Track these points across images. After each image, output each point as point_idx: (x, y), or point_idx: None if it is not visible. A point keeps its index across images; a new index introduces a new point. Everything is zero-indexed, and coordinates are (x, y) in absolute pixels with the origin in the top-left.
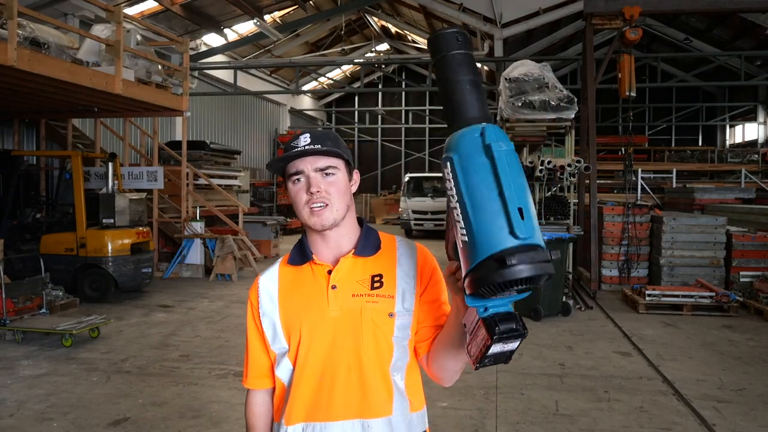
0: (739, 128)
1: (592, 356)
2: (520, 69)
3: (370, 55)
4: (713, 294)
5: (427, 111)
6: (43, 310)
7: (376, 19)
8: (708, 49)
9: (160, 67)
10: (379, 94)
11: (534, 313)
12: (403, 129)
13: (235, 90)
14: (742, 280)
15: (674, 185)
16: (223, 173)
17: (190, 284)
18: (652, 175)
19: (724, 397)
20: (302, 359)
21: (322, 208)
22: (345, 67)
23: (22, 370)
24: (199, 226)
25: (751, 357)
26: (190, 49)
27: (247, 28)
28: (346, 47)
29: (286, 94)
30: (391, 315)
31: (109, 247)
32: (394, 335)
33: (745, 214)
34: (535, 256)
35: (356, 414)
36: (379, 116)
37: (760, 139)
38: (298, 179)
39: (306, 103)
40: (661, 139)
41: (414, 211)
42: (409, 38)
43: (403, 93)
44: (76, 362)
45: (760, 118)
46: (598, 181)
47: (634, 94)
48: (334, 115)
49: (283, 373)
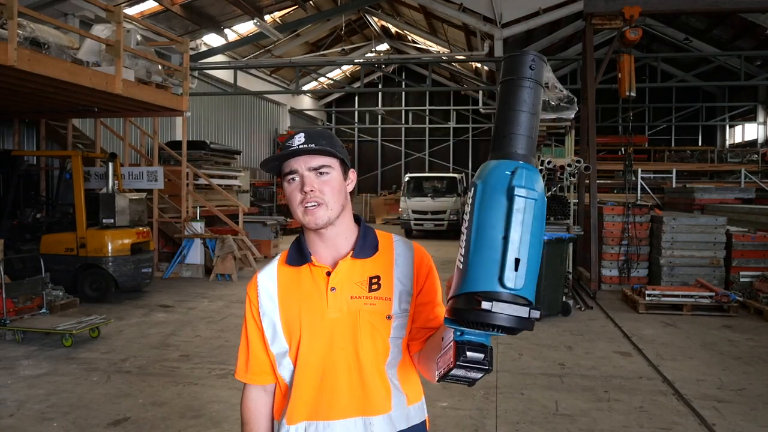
0: (739, 128)
1: (592, 356)
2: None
3: (370, 55)
4: (713, 294)
5: (427, 111)
6: (43, 310)
7: (376, 19)
8: (708, 49)
9: (160, 67)
10: (379, 94)
11: None
12: (403, 129)
13: (235, 90)
14: (742, 280)
15: (674, 185)
16: (223, 173)
17: (190, 284)
18: (652, 175)
19: (724, 397)
20: (303, 359)
21: (315, 207)
22: (345, 67)
23: (22, 370)
24: (199, 226)
25: (751, 357)
26: (190, 49)
27: (247, 28)
28: (346, 47)
29: (286, 94)
30: (389, 317)
31: (109, 247)
32: (391, 336)
33: (745, 214)
34: (515, 309)
35: (358, 412)
36: (379, 116)
37: (760, 139)
38: (293, 179)
39: (306, 103)
40: (661, 139)
41: (414, 211)
42: (409, 38)
43: (403, 93)
44: (77, 362)
45: (760, 118)
46: (598, 181)
47: (634, 94)
48: (334, 115)
49: (285, 372)
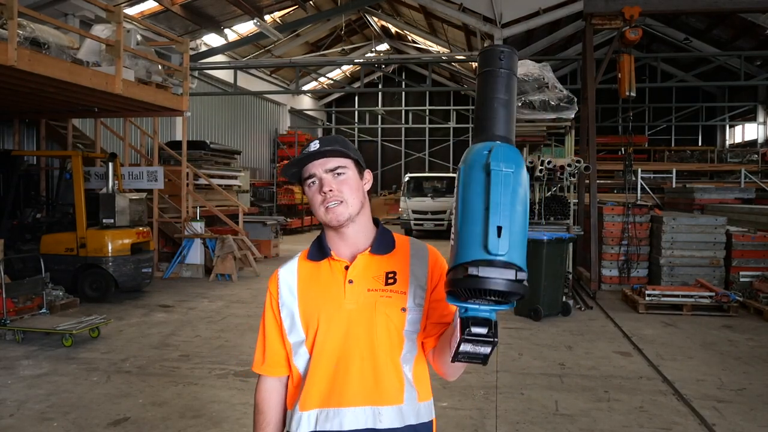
0: (738, 128)
1: (592, 356)
2: (520, 69)
3: (370, 55)
4: (713, 294)
5: (427, 111)
6: (44, 310)
7: (376, 19)
8: (708, 49)
9: (160, 67)
10: (379, 94)
11: (534, 313)
12: (403, 129)
13: (235, 90)
14: (741, 280)
15: (674, 185)
16: (223, 173)
17: (190, 284)
18: (652, 175)
19: (724, 397)
20: (319, 348)
21: (336, 205)
22: (345, 67)
23: (22, 370)
24: (199, 226)
25: (751, 357)
26: (190, 49)
27: (247, 28)
28: (346, 47)
29: (286, 94)
30: (403, 310)
31: (109, 247)
32: (405, 329)
33: (745, 214)
34: (503, 272)
35: (368, 401)
36: (379, 116)
37: (760, 139)
38: (312, 182)
39: (306, 103)
40: (661, 139)
41: (414, 211)
42: (409, 38)
43: (403, 93)
44: (77, 362)
45: (760, 118)
46: (598, 181)
47: (634, 94)
48: (334, 115)
49: (300, 362)
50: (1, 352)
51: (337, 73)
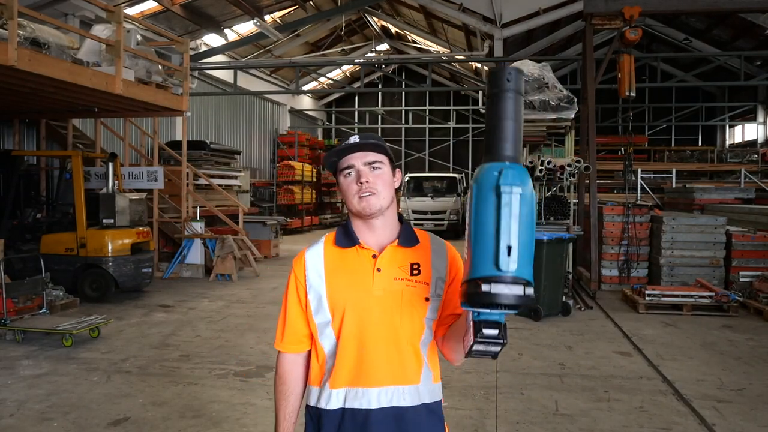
0: (738, 128)
1: (592, 356)
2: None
3: (370, 55)
4: (713, 294)
5: (427, 111)
6: (44, 310)
7: (376, 19)
8: (708, 49)
9: (160, 67)
10: (379, 94)
11: (534, 313)
12: (403, 129)
13: (235, 90)
14: (741, 280)
15: (674, 185)
16: (223, 173)
17: (190, 284)
18: (652, 175)
19: (723, 397)
20: (347, 331)
21: (370, 196)
22: (345, 67)
23: (22, 369)
24: (199, 226)
25: (751, 357)
26: (190, 49)
27: (247, 28)
28: (346, 47)
29: (286, 94)
30: (426, 299)
31: (110, 247)
32: (426, 316)
33: (745, 214)
34: (512, 288)
35: (393, 381)
36: (379, 116)
37: (760, 139)
38: (350, 173)
39: (306, 103)
40: (660, 139)
41: (414, 211)
42: (409, 38)
43: (403, 93)
44: (77, 362)
45: (760, 118)
46: (598, 181)
47: (633, 94)
48: (334, 115)
49: (326, 341)
50: (1, 352)
51: (337, 73)
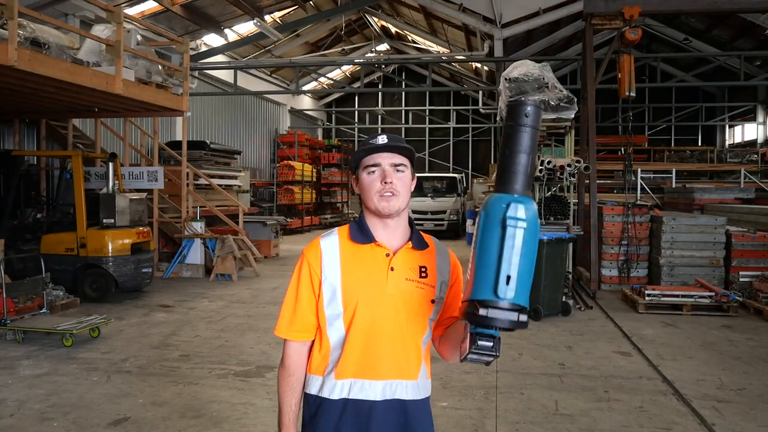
0: (738, 128)
1: (592, 356)
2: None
3: (370, 55)
4: (713, 294)
5: (427, 111)
6: (44, 310)
7: (376, 19)
8: (708, 49)
9: (160, 67)
10: (379, 94)
11: (534, 313)
12: (403, 129)
13: (235, 90)
14: (741, 280)
15: (674, 185)
16: (224, 173)
17: (190, 284)
18: (652, 175)
19: (723, 397)
20: (357, 324)
21: (391, 196)
22: (345, 67)
23: (22, 369)
24: (199, 226)
25: (751, 357)
26: (191, 49)
27: (247, 28)
28: (346, 47)
29: (286, 94)
30: (432, 301)
31: (110, 247)
32: (430, 317)
33: (745, 214)
34: (508, 315)
35: (397, 375)
36: (379, 116)
37: (760, 139)
38: (374, 171)
39: (306, 103)
40: (660, 139)
41: (414, 211)
42: (409, 38)
43: (403, 93)
44: (77, 362)
45: (760, 118)
46: (598, 181)
47: (633, 94)
48: (334, 115)
49: (334, 333)
50: (1, 352)
51: (337, 73)
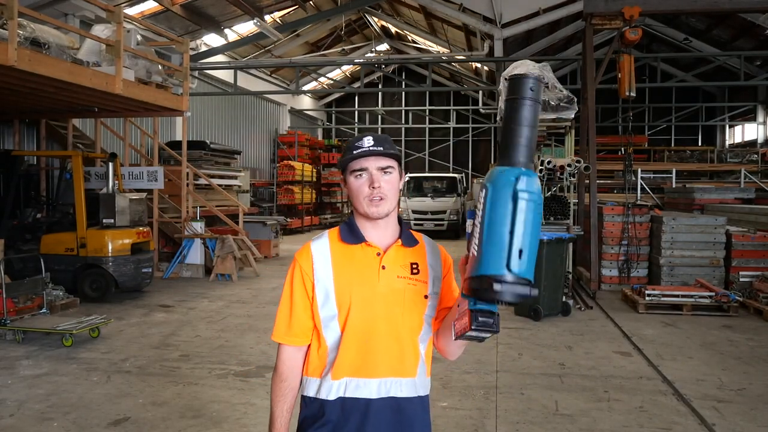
0: (738, 128)
1: (592, 356)
2: (519, 69)
3: (370, 55)
4: (713, 294)
5: (427, 111)
6: (44, 310)
7: (376, 19)
8: (708, 49)
9: (160, 67)
10: (379, 94)
11: (534, 313)
12: (403, 129)
13: (235, 90)
14: (741, 280)
15: (674, 185)
16: (223, 173)
17: (190, 284)
18: (652, 175)
19: (723, 397)
20: (352, 324)
21: (380, 200)
22: (345, 67)
23: (22, 369)
24: (199, 226)
25: (751, 357)
26: (190, 49)
27: (247, 28)
28: (346, 47)
29: (286, 94)
30: (426, 297)
31: (110, 247)
32: (425, 314)
33: (745, 214)
34: (519, 288)
35: (393, 373)
36: (379, 116)
37: (760, 139)
38: (361, 175)
39: (306, 103)
40: (660, 139)
41: (414, 211)
42: (409, 38)
43: (403, 93)
44: (77, 362)
45: (760, 118)
46: (598, 181)
47: (633, 94)
48: (334, 115)
49: (330, 334)
50: (1, 352)
51: (337, 73)
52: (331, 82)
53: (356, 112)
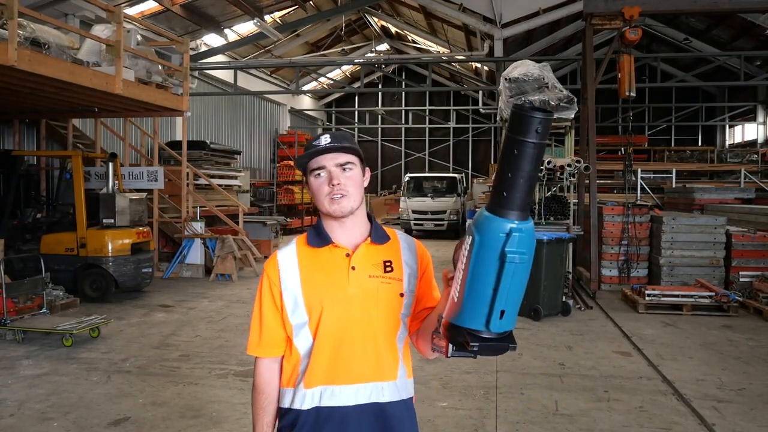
0: (738, 128)
1: (592, 356)
2: (519, 69)
3: (370, 55)
4: (713, 294)
5: (427, 111)
6: (44, 310)
7: (376, 19)
8: (708, 49)
9: (160, 67)
10: (379, 94)
11: (534, 313)
12: (403, 129)
13: (235, 90)
14: (741, 279)
15: (674, 185)
16: (223, 173)
17: (190, 284)
18: (652, 175)
19: (723, 397)
20: (323, 329)
21: (341, 198)
22: (345, 67)
23: (22, 369)
24: (199, 226)
25: (751, 357)
26: (191, 49)
27: (247, 28)
28: (346, 47)
29: (286, 94)
30: (401, 295)
31: (110, 247)
32: (402, 312)
33: (745, 214)
34: (496, 345)
35: (371, 378)
36: (379, 116)
37: (760, 139)
38: (320, 174)
39: (306, 103)
40: (660, 139)
41: (414, 211)
42: (409, 38)
43: (403, 93)
44: (77, 362)
45: (760, 118)
46: (598, 181)
47: (633, 94)
48: (334, 115)
49: (302, 342)
50: (1, 352)
51: (337, 73)
52: (331, 82)
53: (356, 112)
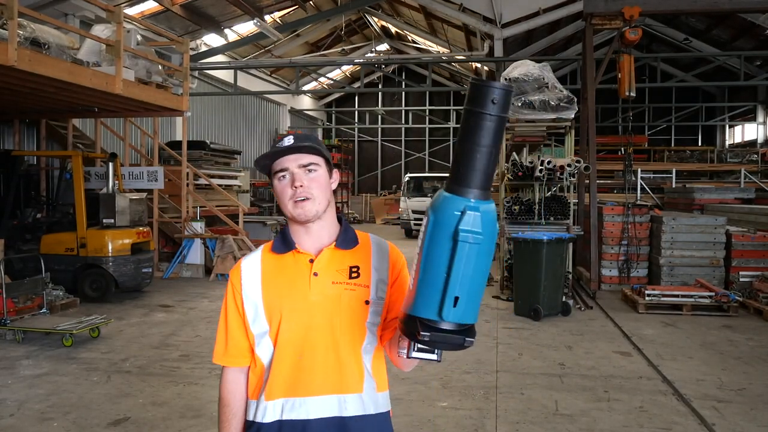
0: (738, 128)
1: (592, 356)
2: (519, 69)
3: (370, 55)
4: (713, 294)
5: (427, 111)
6: (44, 310)
7: (376, 19)
8: (708, 49)
9: (160, 67)
10: (379, 94)
11: (534, 313)
12: (403, 129)
13: (235, 90)
14: (741, 280)
15: (674, 185)
16: (224, 173)
17: (190, 284)
18: (652, 175)
19: (723, 397)
20: (283, 339)
21: (304, 200)
22: (345, 67)
23: (22, 369)
24: (199, 226)
25: (751, 357)
26: (191, 49)
27: (247, 28)
28: (346, 47)
29: (286, 94)
30: (366, 302)
31: (110, 247)
32: (368, 321)
33: (745, 214)
34: (450, 337)
35: (333, 390)
36: (379, 116)
37: (760, 139)
38: (284, 176)
39: (306, 103)
40: (660, 139)
41: (414, 211)
42: (409, 38)
43: (403, 93)
44: (77, 362)
45: (760, 118)
46: (598, 181)
47: (633, 94)
48: (334, 115)
49: (263, 352)
50: (1, 352)
51: (337, 73)
52: (331, 82)
53: (356, 112)
